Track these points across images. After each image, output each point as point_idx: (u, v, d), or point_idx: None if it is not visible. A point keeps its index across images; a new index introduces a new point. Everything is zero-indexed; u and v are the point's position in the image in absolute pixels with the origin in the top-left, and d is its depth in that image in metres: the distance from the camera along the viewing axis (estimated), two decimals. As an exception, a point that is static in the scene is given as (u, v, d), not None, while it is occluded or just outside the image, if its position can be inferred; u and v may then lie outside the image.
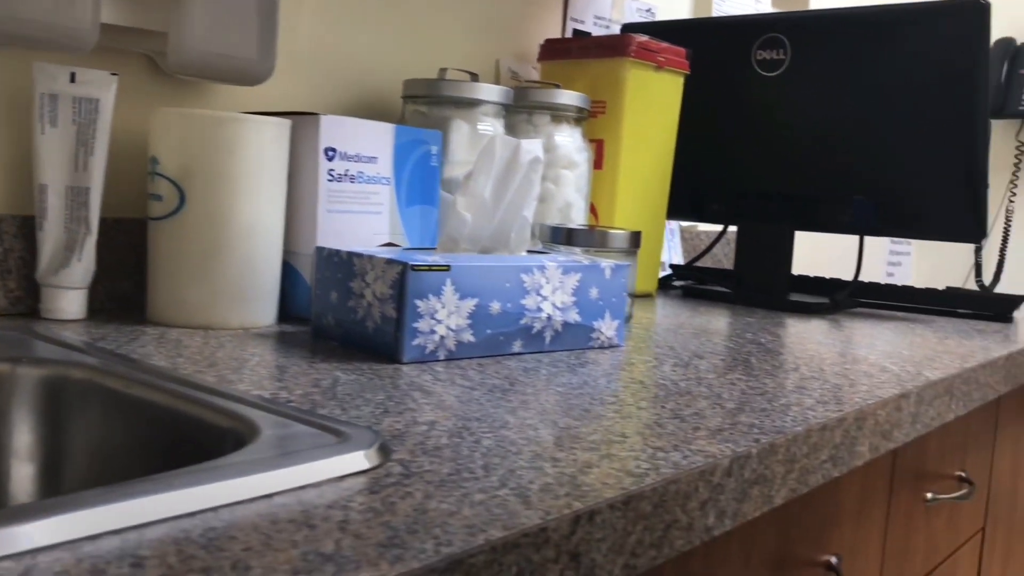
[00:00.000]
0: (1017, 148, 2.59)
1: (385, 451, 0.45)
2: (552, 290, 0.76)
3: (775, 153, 1.26)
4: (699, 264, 1.59)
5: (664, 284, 1.38)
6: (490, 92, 0.99)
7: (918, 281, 2.78)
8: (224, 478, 0.38)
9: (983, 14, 1.08)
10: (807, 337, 0.96)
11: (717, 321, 1.04)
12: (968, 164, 1.12)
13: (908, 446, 0.84)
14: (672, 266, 1.44)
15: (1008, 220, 2.52)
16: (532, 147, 0.76)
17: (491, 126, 1.01)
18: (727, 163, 1.31)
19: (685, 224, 1.67)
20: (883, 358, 0.85)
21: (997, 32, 2.61)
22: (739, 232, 1.30)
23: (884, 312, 1.24)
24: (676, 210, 1.39)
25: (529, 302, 0.74)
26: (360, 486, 0.40)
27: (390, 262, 0.68)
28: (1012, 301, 1.24)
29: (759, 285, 1.26)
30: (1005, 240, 2.51)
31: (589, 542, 0.40)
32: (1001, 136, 2.63)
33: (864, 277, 2.57)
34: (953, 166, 1.13)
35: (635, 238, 0.98)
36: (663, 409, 0.59)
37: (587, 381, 0.66)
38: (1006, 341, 1.02)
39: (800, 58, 1.20)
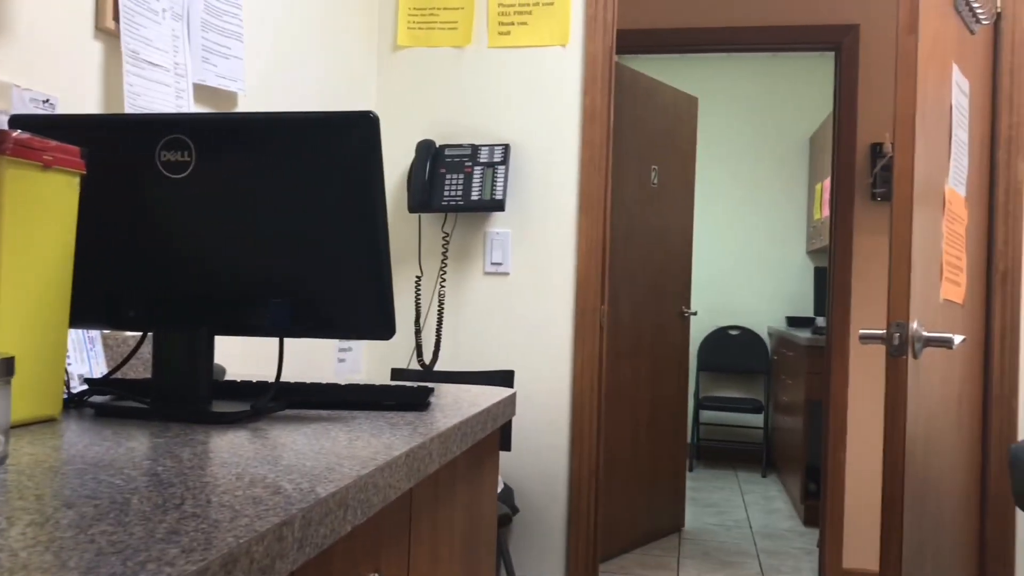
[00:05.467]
0: (443, 238, 2.87)
1: None
2: None
3: (190, 256, 1.20)
4: (121, 375, 1.47)
5: (79, 402, 1.24)
6: None
7: (370, 363, 2.92)
8: None
9: (374, 126, 1.15)
10: (215, 456, 0.90)
11: (120, 447, 0.94)
12: (373, 265, 1.17)
13: (307, 565, 0.82)
14: (88, 380, 1.30)
15: (441, 303, 2.77)
16: None
17: None
18: (141, 267, 1.22)
19: (108, 330, 1.53)
20: (283, 475, 0.82)
21: (419, 134, 2.90)
22: (155, 339, 1.21)
23: (311, 412, 1.24)
24: (87, 318, 1.25)
25: None
26: None
27: None
28: (425, 392, 1.33)
29: (178, 396, 1.19)
30: (440, 322, 2.75)
31: None
32: (430, 228, 2.91)
33: (317, 365, 2.63)
34: (361, 268, 1.17)
35: (7, 365, 0.85)
36: (-26, 601, 0.48)
37: None
38: (413, 435, 1.08)
39: (206, 161, 1.17)
